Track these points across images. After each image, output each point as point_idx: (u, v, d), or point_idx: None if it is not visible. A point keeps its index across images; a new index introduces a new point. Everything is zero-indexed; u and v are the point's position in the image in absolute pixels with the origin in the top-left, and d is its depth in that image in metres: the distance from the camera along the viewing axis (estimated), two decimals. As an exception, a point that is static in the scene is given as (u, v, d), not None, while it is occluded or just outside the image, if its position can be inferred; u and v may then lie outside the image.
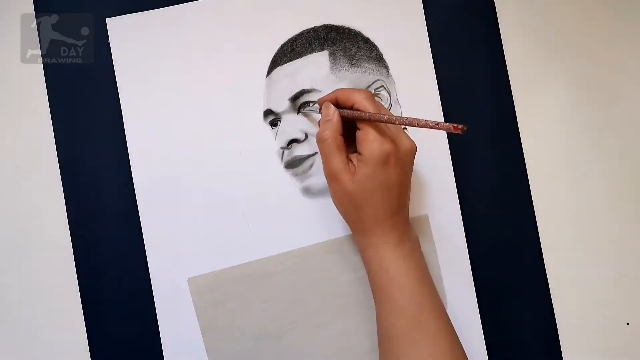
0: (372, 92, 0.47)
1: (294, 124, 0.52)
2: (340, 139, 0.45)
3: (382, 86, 0.53)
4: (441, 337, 0.45)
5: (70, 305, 0.51)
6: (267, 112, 0.52)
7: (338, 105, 0.47)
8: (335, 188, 0.46)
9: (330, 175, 0.45)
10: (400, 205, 0.46)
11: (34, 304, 0.51)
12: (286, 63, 0.52)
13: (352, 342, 0.52)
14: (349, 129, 0.47)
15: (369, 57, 0.53)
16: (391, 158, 0.44)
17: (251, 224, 0.52)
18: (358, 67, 0.53)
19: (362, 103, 0.44)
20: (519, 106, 0.54)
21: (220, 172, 0.52)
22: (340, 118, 0.46)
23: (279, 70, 0.52)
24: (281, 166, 0.52)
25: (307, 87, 0.52)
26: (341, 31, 0.53)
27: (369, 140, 0.43)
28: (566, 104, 0.55)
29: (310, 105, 0.52)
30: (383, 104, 0.53)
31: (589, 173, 0.55)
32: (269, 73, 0.52)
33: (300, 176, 0.52)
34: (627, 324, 0.54)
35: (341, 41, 0.53)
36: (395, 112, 0.53)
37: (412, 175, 0.52)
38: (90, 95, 0.52)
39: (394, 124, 0.43)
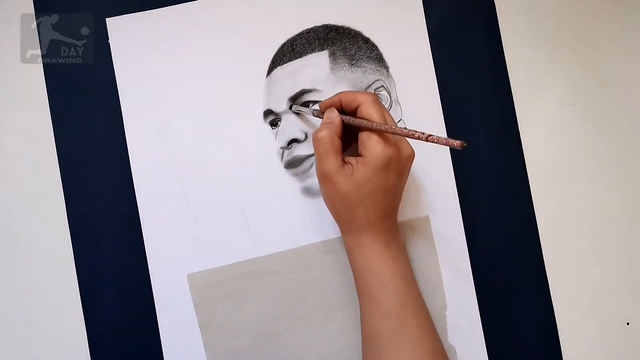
0: (374, 93, 0.47)
1: (294, 124, 0.52)
2: (337, 141, 0.45)
3: (382, 86, 0.53)
4: (424, 339, 0.45)
5: (70, 301, 0.51)
6: (267, 112, 0.52)
7: (341, 109, 0.47)
8: (328, 189, 0.45)
9: (323, 175, 0.45)
10: (392, 208, 0.47)
11: (35, 301, 0.51)
12: (286, 63, 0.52)
13: (350, 341, 0.51)
14: (348, 134, 0.47)
15: (369, 57, 0.53)
16: (392, 162, 0.44)
17: (251, 224, 0.52)
18: (358, 67, 0.53)
19: (367, 107, 0.44)
20: (519, 106, 0.54)
21: (221, 172, 0.52)
22: (342, 122, 0.46)
23: (279, 70, 0.52)
24: (281, 166, 0.52)
25: (307, 87, 0.52)
26: (341, 31, 0.53)
27: (372, 143, 0.43)
28: (566, 104, 0.55)
29: (311, 105, 0.52)
30: (383, 104, 0.53)
31: (588, 173, 0.55)
32: (269, 73, 0.52)
33: (300, 176, 0.52)
34: (627, 324, 0.54)
35: (341, 41, 0.53)
36: (395, 111, 0.53)
37: (413, 177, 0.52)
38: (90, 95, 0.52)
39: (400, 135, 0.43)
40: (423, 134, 0.41)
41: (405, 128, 0.42)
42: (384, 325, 0.45)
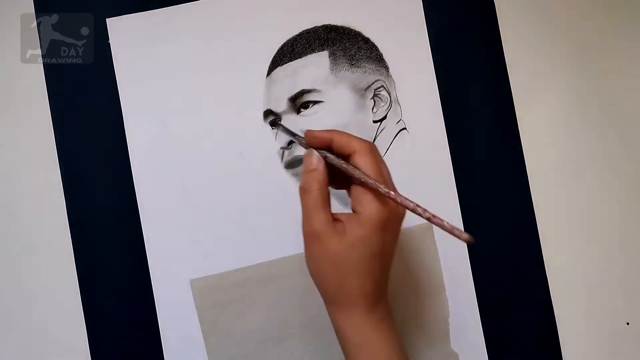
0: (372, 143, 0.40)
1: (294, 124, 0.52)
2: (326, 192, 0.39)
3: (382, 86, 0.53)
4: None
5: (71, 306, 0.51)
6: (267, 112, 0.52)
7: (330, 149, 0.40)
8: (317, 250, 0.38)
9: (311, 234, 0.38)
10: (387, 276, 0.40)
11: (35, 305, 0.51)
12: (286, 63, 0.52)
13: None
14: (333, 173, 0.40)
15: (369, 57, 0.53)
16: (390, 222, 0.38)
17: (252, 227, 0.52)
18: (358, 67, 0.53)
19: (363, 157, 0.38)
20: (519, 106, 0.54)
21: (221, 172, 0.52)
22: (326, 167, 0.39)
23: (279, 70, 0.52)
24: (281, 166, 0.52)
25: (307, 87, 0.52)
26: (341, 31, 0.53)
27: (369, 199, 0.37)
28: (566, 104, 0.55)
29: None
30: (383, 104, 0.53)
31: (589, 173, 0.54)
32: (269, 73, 0.52)
33: (301, 176, 0.52)
34: (627, 324, 0.54)
35: (341, 41, 0.53)
36: (395, 111, 0.53)
37: (413, 181, 0.52)
38: (90, 95, 0.52)
39: (396, 202, 0.37)
40: (425, 211, 0.35)
41: (406, 199, 0.37)
42: None
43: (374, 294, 0.39)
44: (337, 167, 0.39)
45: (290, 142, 0.52)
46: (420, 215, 0.36)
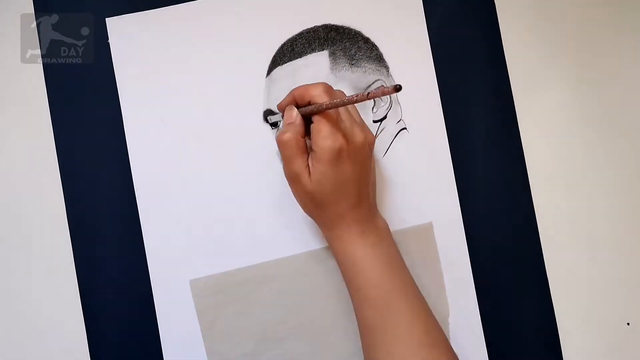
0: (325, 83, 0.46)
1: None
2: (302, 141, 0.45)
3: (382, 86, 0.53)
4: (415, 321, 0.45)
5: (70, 306, 0.51)
6: (267, 112, 0.52)
7: (297, 105, 0.46)
8: (297, 189, 0.46)
9: (291, 177, 0.46)
10: (361, 197, 0.46)
11: (34, 305, 0.51)
12: (286, 63, 0.52)
13: (353, 348, 0.51)
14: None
15: (369, 57, 0.53)
16: (343, 153, 0.43)
17: (252, 227, 0.52)
18: (358, 67, 0.53)
19: (318, 98, 0.44)
20: (519, 106, 0.54)
21: (221, 173, 0.52)
22: (303, 121, 0.45)
23: (278, 70, 0.52)
24: (281, 166, 0.52)
25: (307, 87, 0.52)
26: (341, 31, 0.53)
27: (321, 137, 0.43)
28: (566, 104, 0.55)
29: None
30: (383, 104, 0.53)
31: (589, 173, 0.54)
32: (268, 73, 0.52)
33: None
34: (628, 324, 0.54)
35: (341, 41, 0.53)
36: (395, 111, 0.53)
37: (413, 181, 0.52)
38: (90, 95, 0.52)
39: (343, 105, 0.42)
40: (363, 94, 0.40)
41: (348, 97, 0.42)
42: (373, 313, 0.45)
43: (349, 213, 0.46)
44: (304, 114, 0.45)
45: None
46: (361, 100, 0.41)
